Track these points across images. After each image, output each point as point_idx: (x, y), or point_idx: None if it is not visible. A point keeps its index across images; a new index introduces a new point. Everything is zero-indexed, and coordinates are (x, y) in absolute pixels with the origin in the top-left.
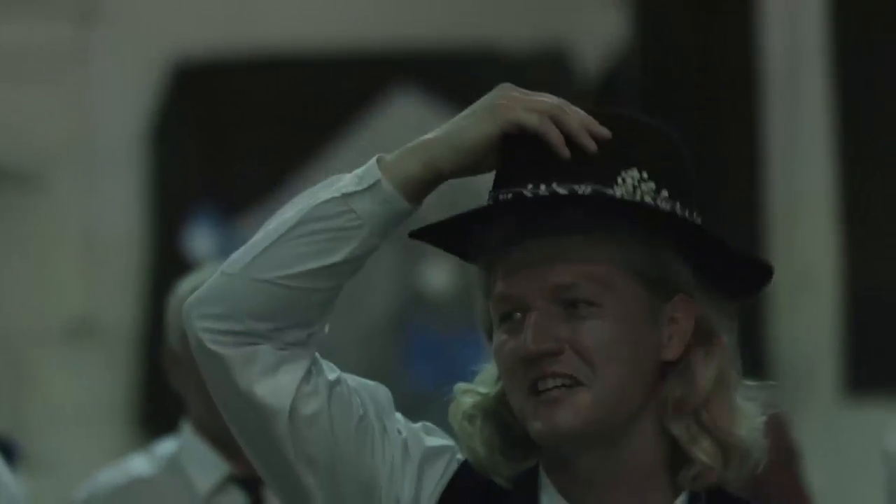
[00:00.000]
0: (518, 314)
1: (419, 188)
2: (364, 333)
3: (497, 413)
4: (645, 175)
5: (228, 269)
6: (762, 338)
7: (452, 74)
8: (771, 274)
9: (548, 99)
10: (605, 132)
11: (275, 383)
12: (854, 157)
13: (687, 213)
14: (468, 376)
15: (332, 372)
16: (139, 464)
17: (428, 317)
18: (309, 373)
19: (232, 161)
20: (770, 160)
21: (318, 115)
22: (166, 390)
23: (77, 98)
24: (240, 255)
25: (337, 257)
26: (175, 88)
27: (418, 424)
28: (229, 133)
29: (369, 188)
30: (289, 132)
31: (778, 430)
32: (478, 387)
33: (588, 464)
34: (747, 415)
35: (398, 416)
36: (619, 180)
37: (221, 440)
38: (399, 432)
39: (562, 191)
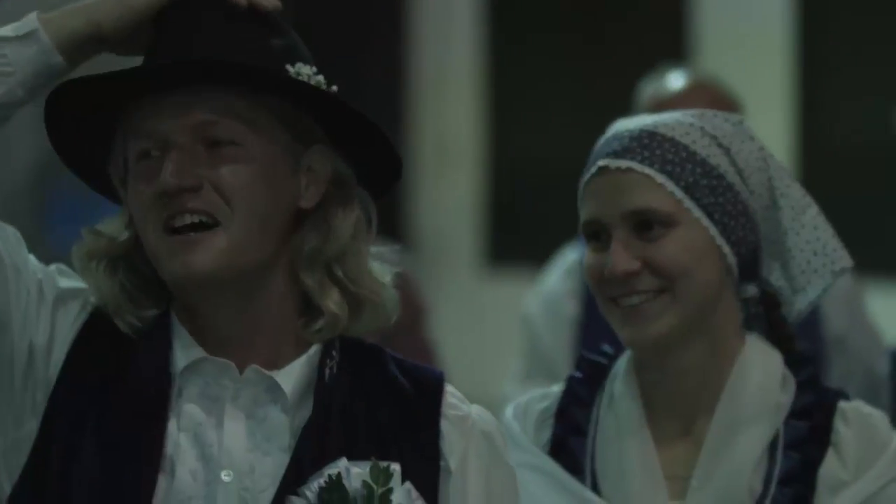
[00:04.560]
0: (157, 153)
1: (76, 45)
2: (4, 191)
3: (126, 258)
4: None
5: None
6: (405, 208)
7: None
8: (400, 169)
9: None
10: (271, 4)
11: None
12: (500, 33)
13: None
14: None
15: None
16: None
17: (68, 178)
18: None
19: None
20: (418, 34)
21: None
22: None
23: None
24: None
25: None
26: None
27: (52, 266)
28: None
29: (24, 36)
30: None
31: (404, 287)
32: (105, 229)
33: (223, 315)
34: (378, 270)
35: (32, 257)
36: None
37: None
38: (34, 273)
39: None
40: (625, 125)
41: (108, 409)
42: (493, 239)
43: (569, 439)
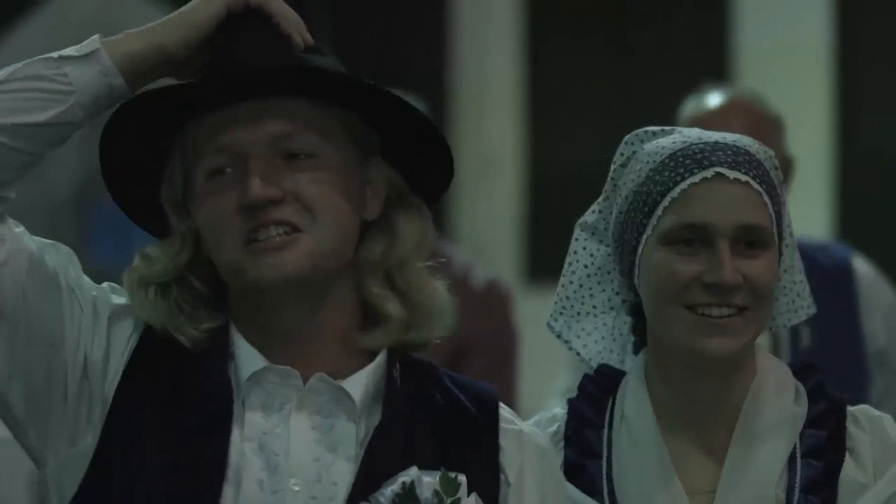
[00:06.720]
0: (231, 169)
1: (140, 67)
2: (46, 207)
3: (179, 280)
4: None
5: None
6: (445, 223)
7: None
8: (452, 175)
9: None
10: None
11: None
12: (539, 45)
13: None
14: None
15: (18, 226)
16: None
17: (109, 194)
18: None
19: None
20: (458, 47)
21: None
22: None
23: None
24: None
25: (41, 117)
26: None
27: (104, 284)
28: None
29: (87, 56)
30: None
31: (501, 301)
32: (156, 254)
33: (291, 319)
34: (438, 281)
35: (85, 277)
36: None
37: None
38: (89, 291)
39: (271, 64)
40: (708, 135)
41: (171, 421)
42: (533, 252)
43: (583, 462)
